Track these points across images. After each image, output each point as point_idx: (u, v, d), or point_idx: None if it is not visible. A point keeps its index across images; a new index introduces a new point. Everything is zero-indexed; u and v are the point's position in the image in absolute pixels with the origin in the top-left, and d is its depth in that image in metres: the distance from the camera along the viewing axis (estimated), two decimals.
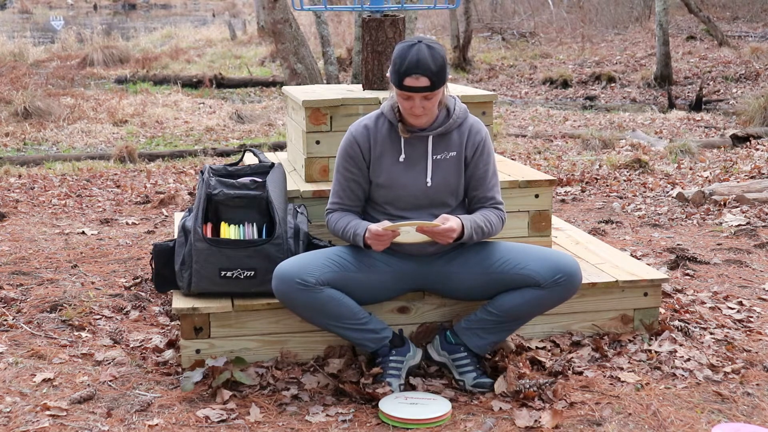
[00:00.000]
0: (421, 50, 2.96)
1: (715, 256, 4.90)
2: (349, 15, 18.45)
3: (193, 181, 7.62)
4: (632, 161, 7.98)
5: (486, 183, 3.21)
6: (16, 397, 3.04)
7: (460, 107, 3.19)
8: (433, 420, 2.90)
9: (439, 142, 3.16)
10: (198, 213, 3.27)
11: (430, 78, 2.96)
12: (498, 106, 13.34)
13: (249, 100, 14.60)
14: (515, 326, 3.22)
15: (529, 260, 3.11)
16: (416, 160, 3.15)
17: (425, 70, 2.95)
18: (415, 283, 3.27)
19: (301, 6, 4.40)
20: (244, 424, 2.89)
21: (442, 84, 3.03)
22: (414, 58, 2.95)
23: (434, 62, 2.96)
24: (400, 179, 3.15)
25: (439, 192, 3.16)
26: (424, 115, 3.06)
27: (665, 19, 15.02)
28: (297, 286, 3.02)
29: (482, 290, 3.20)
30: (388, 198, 3.18)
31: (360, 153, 3.17)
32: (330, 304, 3.07)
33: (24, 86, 12.11)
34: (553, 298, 3.13)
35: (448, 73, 3.06)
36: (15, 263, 4.66)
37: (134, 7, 42.27)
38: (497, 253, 3.17)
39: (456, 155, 3.16)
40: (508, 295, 3.13)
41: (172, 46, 21.10)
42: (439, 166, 3.15)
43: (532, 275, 3.08)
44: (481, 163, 3.19)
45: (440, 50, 3.02)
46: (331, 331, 3.18)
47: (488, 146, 3.22)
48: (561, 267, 3.08)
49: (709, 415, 2.97)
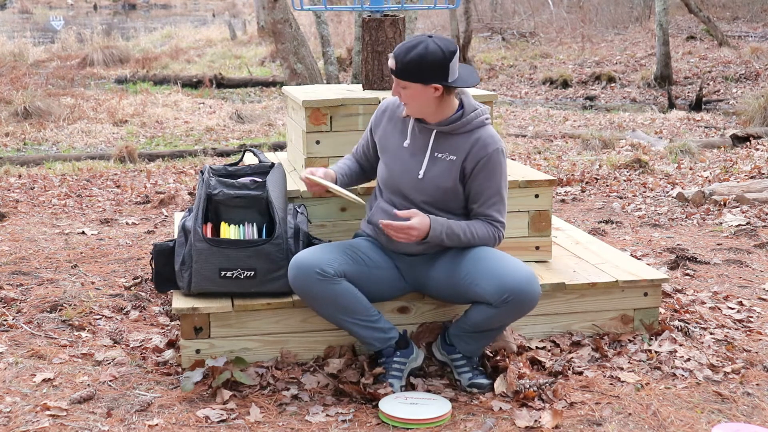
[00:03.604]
0: (416, 40, 2.97)
1: (715, 256, 4.90)
2: (349, 15, 18.45)
3: (193, 181, 7.62)
4: (632, 161, 7.98)
5: (483, 199, 3.13)
6: (16, 397, 3.04)
7: (476, 115, 3.12)
8: (433, 420, 2.90)
9: (443, 140, 3.13)
10: (198, 213, 3.27)
11: (396, 63, 2.97)
12: (498, 106, 13.34)
13: (249, 100, 14.61)
14: (495, 333, 3.21)
15: (482, 278, 3.02)
16: (418, 150, 3.16)
17: (397, 54, 2.97)
18: (409, 283, 3.28)
19: (301, 6, 4.40)
20: (244, 424, 2.89)
21: (409, 78, 2.97)
22: (404, 43, 3.00)
23: (412, 54, 2.94)
24: (398, 163, 3.17)
25: (428, 188, 3.12)
26: (407, 104, 3.08)
27: (665, 19, 15.03)
28: (316, 277, 3.01)
29: (452, 298, 3.21)
30: (383, 178, 3.22)
31: (375, 122, 3.32)
32: (345, 297, 3.07)
33: (24, 86, 12.11)
34: (509, 314, 3.05)
35: (433, 74, 2.96)
36: (15, 263, 4.65)
37: (134, 7, 42.27)
38: (466, 265, 3.10)
39: (455, 160, 3.11)
40: (474, 309, 3.10)
41: (172, 46, 21.11)
42: (435, 163, 3.13)
43: (482, 294, 3.02)
44: (481, 178, 3.11)
45: (434, 51, 2.94)
46: (341, 326, 3.17)
47: (493, 164, 3.10)
48: (508, 287, 2.96)
49: (709, 415, 2.97)
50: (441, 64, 2.96)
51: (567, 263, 3.80)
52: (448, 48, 2.98)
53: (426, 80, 2.98)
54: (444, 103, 3.08)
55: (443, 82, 2.99)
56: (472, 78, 3.07)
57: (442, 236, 3.07)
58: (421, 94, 3.02)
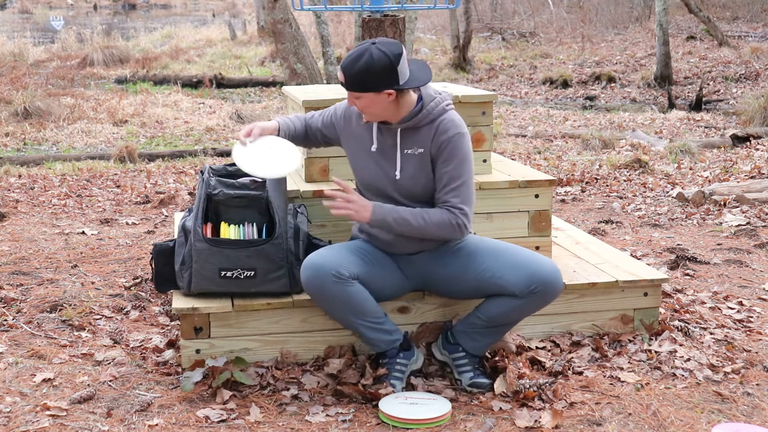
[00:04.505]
0: (360, 50, 2.96)
1: (715, 256, 4.90)
2: (349, 15, 18.45)
3: (193, 181, 7.62)
4: (632, 161, 7.98)
5: (443, 185, 3.08)
6: (16, 397, 3.04)
7: (436, 104, 3.10)
8: (433, 420, 2.90)
9: (409, 136, 3.12)
10: (198, 213, 3.27)
11: (345, 77, 2.97)
12: (498, 106, 13.34)
13: (249, 100, 14.60)
14: (506, 329, 3.23)
15: (505, 269, 3.06)
16: (388, 152, 3.15)
17: (344, 68, 2.97)
18: (413, 281, 3.28)
19: (301, 6, 4.40)
20: (244, 424, 2.89)
21: (361, 89, 2.97)
22: (349, 54, 2.98)
23: (358, 65, 2.93)
24: (372, 167, 3.17)
25: (407, 186, 3.13)
26: (364, 112, 3.07)
27: (665, 19, 15.02)
28: (332, 278, 3.01)
29: (468, 293, 3.21)
30: (363, 182, 3.23)
31: (339, 128, 3.27)
32: (357, 299, 3.07)
33: (24, 86, 12.11)
34: (533, 306, 3.10)
35: (384, 81, 2.95)
36: (15, 263, 4.66)
37: (134, 7, 42.27)
38: (478, 259, 3.12)
39: (423, 153, 3.11)
40: (492, 302, 3.13)
41: (172, 46, 21.10)
42: (408, 160, 3.13)
43: (507, 286, 3.05)
44: (440, 163, 3.08)
45: (379, 58, 2.92)
46: (349, 328, 3.18)
47: (453, 148, 3.07)
48: (536, 277, 3.02)
49: (709, 415, 2.97)
50: (389, 69, 2.94)
51: (567, 263, 3.80)
52: (394, 52, 2.95)
53: (377, 88, 2.97)
54: (402, 103, 3.06)
55: (395, 87, 2.98)
56: (424, 74, 3.06)
57: (387, 219, 3.06)
58: (375, 102, 3.02)
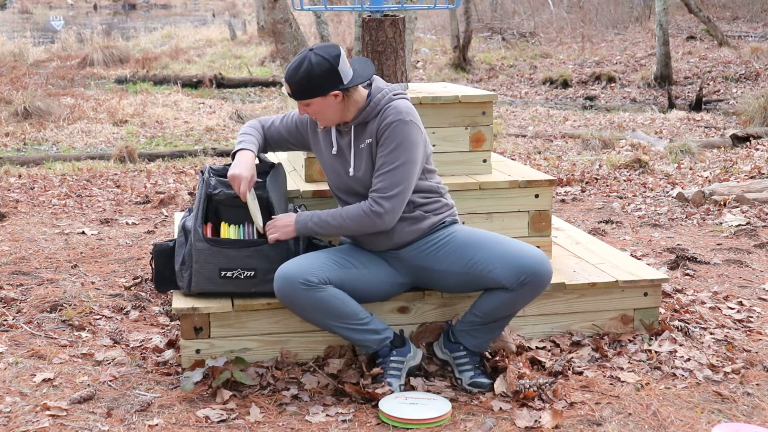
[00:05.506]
0: (299, 59, 3.02)
1: (715, 256, 4.90)
2: (349, 15, 18.45)
3: (193, 181, 7.62)
4: (632, 161, 7.98)
5: (376, 170, 3.09)
6: (16, 397, 3.04)
7: (383, 95, 3.13)
8: (433, 420, 2.90)
9: (361, 131, 3.17)
10: (198, 213, 3.27)
11: (290, 87, 3.05)
12: (498, 106, 13.34)
13: (249, 100, 14.60)
14: (505, 322, 3.24)
15: (495, 262, 3.07)
16: (344, 150, 3.20)
17: (288, 79, 3.05)
18: (406, 276, 3.27)
19: (301, 6, 4.40)
20: (244, 424, 2.89)
21: (307, 96, 3.04)
22: (290, 65, 3.05)
23: (300, 73, 3.00)
24: (334, 169, 3.23)
25: (364, 181, 3.15)
26: (317, 118, 3.13)
27: (665, 19, 15.02)
28: (300, 287, 3.02)
29: (460, 287, 3.22)
30: (332, 184, 3.30)
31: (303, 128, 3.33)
32: (332, 303, 3.07)
33: (24, 86, 12.11)
34: (526, 296, 3.11)
35: (327, 84, 3.01)
36: (15, 263, 4.66)
37: (134, 7, 42.27)
38: (469, 252, 3.13)
39: (371, 142, 3.14)
40: (485, 298, 3.15)
41: (172, 46, 21.09)
42: (360, 155, 3.16)
43: (497, 279, 3.06)
44: (379, 145, 3.10)
45: (319, 63, 2.99)
46: (333, 332, 3.18)
47: (392, 132, 3.06)
48: (525, 269, 3.04)
49: (709, 415, 2.97)
50: (330, 71, 3.02)
51: (567, 263, 3.80)
52: (331, 54, 3.02)
53: (323, 92, 3.04)
54: (350, 102, 3.11)
55: (339, 87, 3.05)
56: (366, 70, 3.13)
57: (309, 225, 3.14)
58: (324, 106, 3.08)
